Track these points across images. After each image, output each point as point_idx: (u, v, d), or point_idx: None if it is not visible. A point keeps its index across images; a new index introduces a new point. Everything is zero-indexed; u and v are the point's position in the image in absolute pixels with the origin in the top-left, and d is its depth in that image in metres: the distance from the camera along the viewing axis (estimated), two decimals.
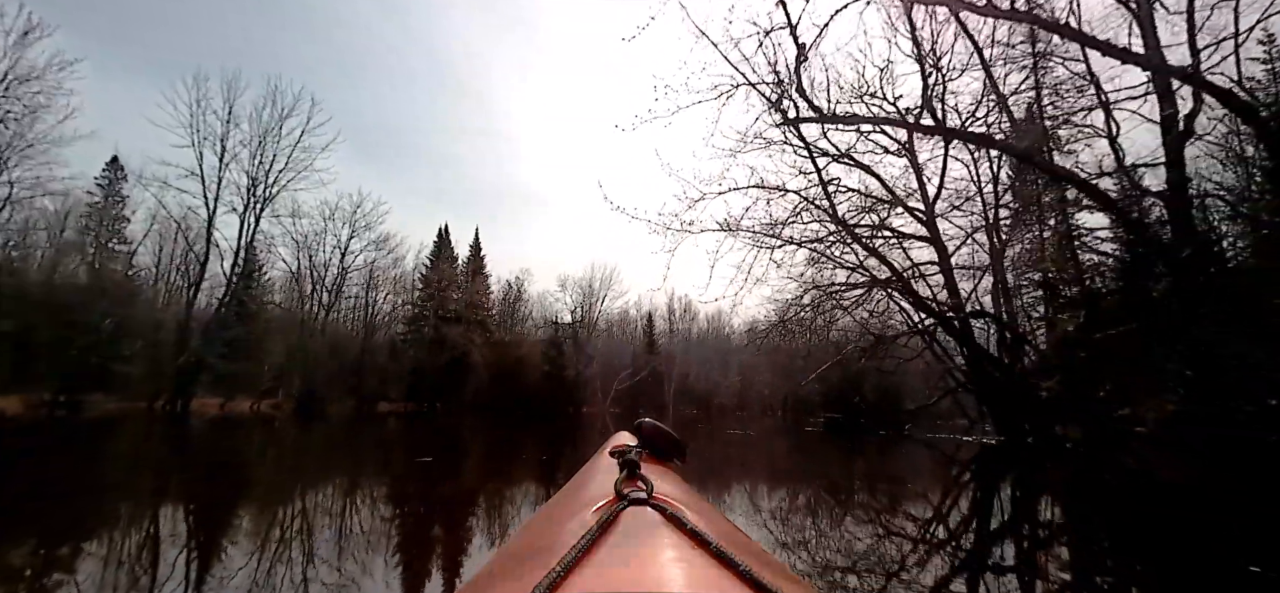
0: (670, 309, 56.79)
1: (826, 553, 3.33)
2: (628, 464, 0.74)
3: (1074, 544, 4.07)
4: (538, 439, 13.16)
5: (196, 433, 12.99)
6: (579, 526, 0.54)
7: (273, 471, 7.27)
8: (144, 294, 28.47)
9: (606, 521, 0.51)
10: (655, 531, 0.50)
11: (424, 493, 5.33)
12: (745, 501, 5.18)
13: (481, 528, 3.97)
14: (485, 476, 6.98)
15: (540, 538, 0.60)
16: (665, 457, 1.03)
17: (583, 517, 0.58)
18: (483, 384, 35.03)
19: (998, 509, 5.28)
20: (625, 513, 0.55)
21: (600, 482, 0.77)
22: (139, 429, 13.32)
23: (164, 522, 3.83)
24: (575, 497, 0.77)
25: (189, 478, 6.16)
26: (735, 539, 0.61)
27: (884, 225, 15.04)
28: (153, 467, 7.24)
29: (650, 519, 0.53)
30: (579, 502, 0.69)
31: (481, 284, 39.61)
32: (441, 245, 37.56)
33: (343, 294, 33.74)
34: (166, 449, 9.39)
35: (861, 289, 16.31)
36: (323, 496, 5.04)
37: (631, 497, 0.59)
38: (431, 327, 34.49)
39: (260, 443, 10.85)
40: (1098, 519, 4.76)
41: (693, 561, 0.43)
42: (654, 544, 0.47)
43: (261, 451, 9.57)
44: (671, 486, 0.76)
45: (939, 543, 3.77)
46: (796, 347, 40.10)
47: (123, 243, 30.81)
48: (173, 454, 8.70)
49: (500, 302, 43.75)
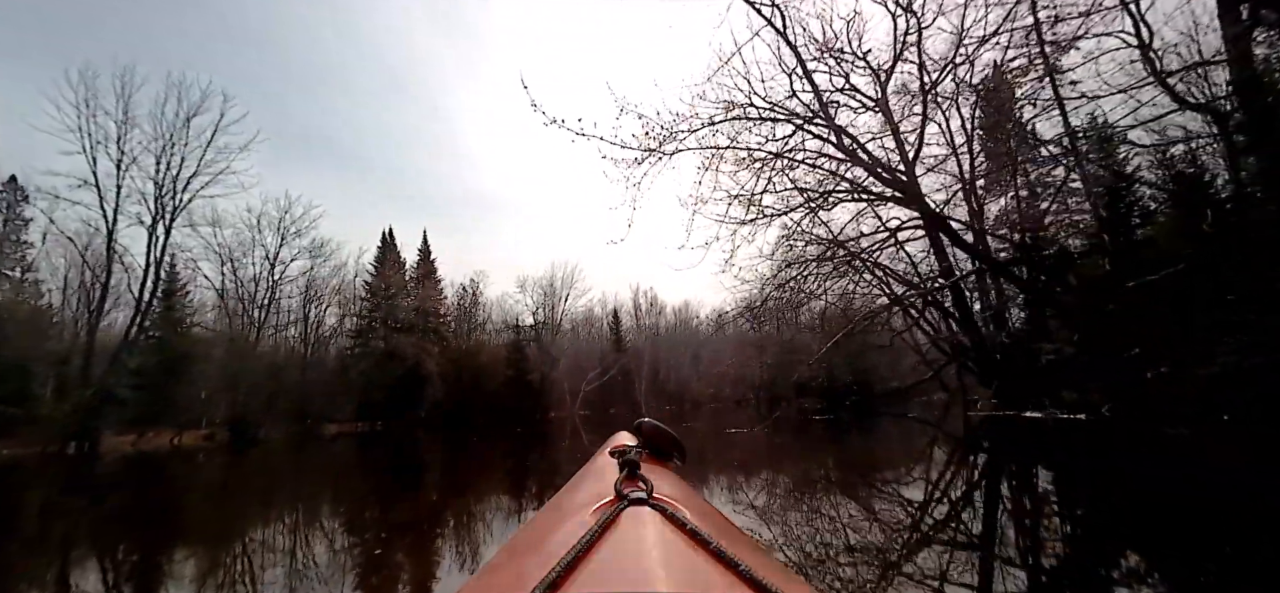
0: (635, 304, 55.39)
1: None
2: (628, 464, 0.73)
3: (1095, 534, 3.49)
4: (500, 452, 11.41)
5: (81, 478, 10.77)
6: (579, 525, 0.54)
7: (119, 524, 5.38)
8: (48, 324, 25.33)
9: (606, 520, 0.51)
10: (655, 530, 0.50)
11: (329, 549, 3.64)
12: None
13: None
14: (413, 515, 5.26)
15: (540, 537, 0.61)
16: (665, 457, 1.01)
17: (583, 517, 0.58)
18: (440, 396, 32.66)
19: (1008, 493, 4.80)
20: (625, 513, 0.54)
21: (600, 482, 0.76)
22: (20, 479, 11.02)
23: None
24: (575, 497, 0.78)
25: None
26: (735, 538, 0.62)
27: (861, 189, 13.77)
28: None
29: (650, 519, 0.53)
30: (579, 502, 0.69)
31: (433, 289, 36.95)
32: (386, 249, 34.75)
33: (280, 309, 30.88)
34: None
35: (838, 262, 15.10)
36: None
37: (631, 497, 0.58)
38: (381, 338, 31.89)
39: (139, 487, 8.78)
40: (1124, 507, 4.02)
41: (692, 560, 0.44)
42: (654, 544, 0.46)
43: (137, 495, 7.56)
44: (671, 485, 0.78)
45: (945, 535, 3.51)
46: (772, 333, 39.20)
47: (27, 269, 27.63)
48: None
49: (455, 308, 41.20)
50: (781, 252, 15.17)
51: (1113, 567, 2.83)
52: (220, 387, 24.41)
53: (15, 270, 27.40)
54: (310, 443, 20.09)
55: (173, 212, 23.22)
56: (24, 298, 24.05)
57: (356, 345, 32.31)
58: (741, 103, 13.46)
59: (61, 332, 26.07)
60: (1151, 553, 2.99)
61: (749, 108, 13.31)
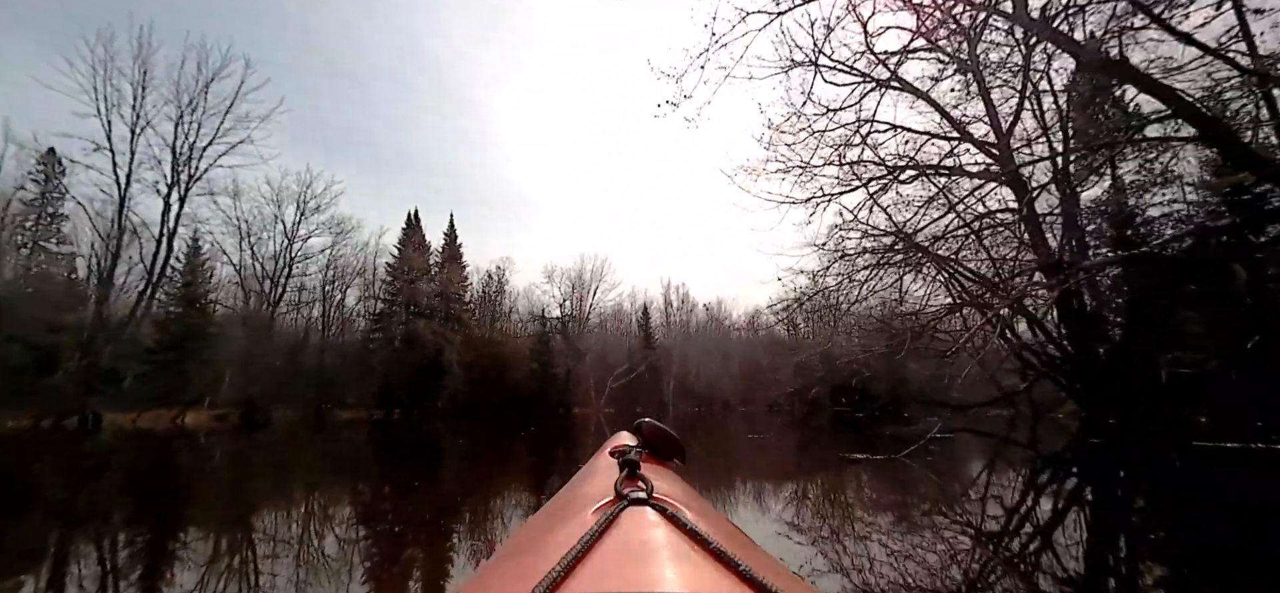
0: (666, 300, 53.51)
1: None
2: (627, 464, 0.72)
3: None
4: (514, 455, 9.74)
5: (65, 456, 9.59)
6: (579, 526, 0.53)
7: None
8: (75, 297, 24.91)
9: (606, 521, 0.51)
10: (655, 531, 0.49)
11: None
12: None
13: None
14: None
15: (540, 538, 0.60)
16: (665, 457, 1.00)
17: (583, 517, 0.57)
18: (460, 386, 31.37)
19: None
20: (625, 513, 0.54)
21: (600, 482, 0.75)
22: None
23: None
24: (575, 497, 0.76)
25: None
26: (735, 539, 0.61)
27: (948, 170, 11.62)
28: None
29: (650, 520, 0.52)
30: (579, 502, 0.68)
31: (458, 273, 35.71)
32: (411, 230, 33.57)
33: (302, 287, 30.01)
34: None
35: (904, 254, 12.92)
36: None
37: (631, 497, 0.58)
38: (402, 322, 30.74)
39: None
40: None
41: (693, 561, 0.43)
42: (654, 545, 0.46)
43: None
44: (671, 486, 0.76)
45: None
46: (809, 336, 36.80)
47: (62, 243, 27.41)
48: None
49: (480, 296, 39.92)
50: (833, 241, 13.15)
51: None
52: (232, 366, 23.52)
53: (51, 242, 27.26)
54: (320, 429, 18.97)
55: (188, 180, 22.35)
56: (58, 270, 23.53)
57: (377, 328, 31.28)
58: (804, 61, 11.51)
59: (84, 303, 25.69)
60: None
61: (815, 65, 11.32)
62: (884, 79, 11.58)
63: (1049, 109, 13.69)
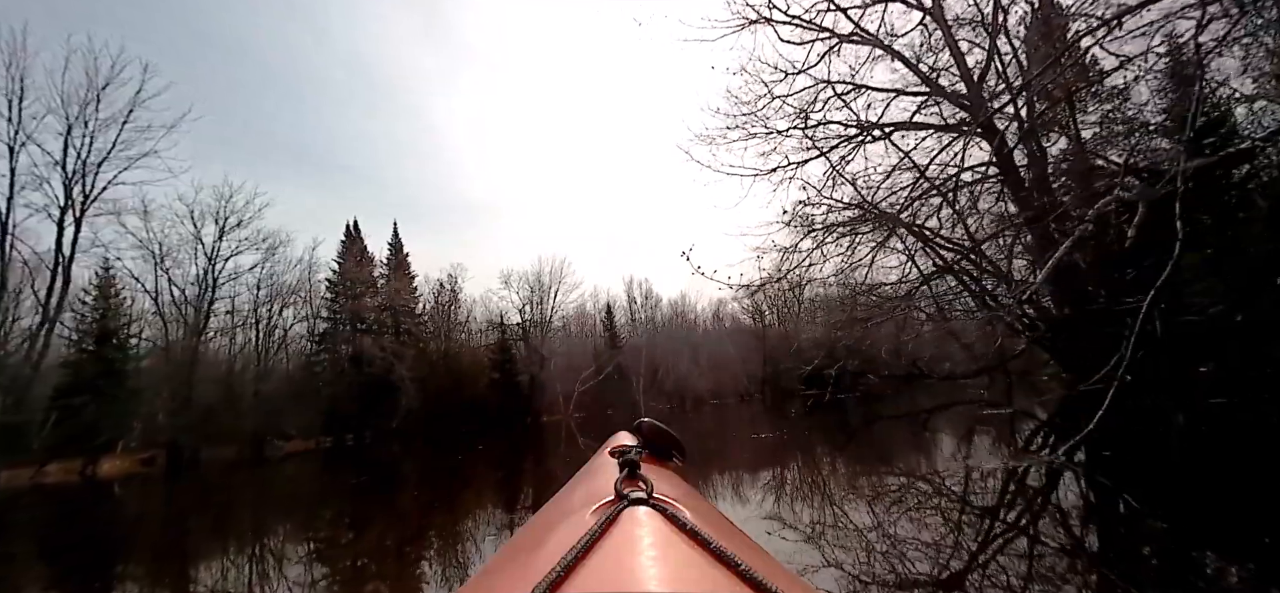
0: (630, 297, 52.34)
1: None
2: (628, 464, 0.71)
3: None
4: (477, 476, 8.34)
5: None
6: (579, 525, 0.53)
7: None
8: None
9: (606, 521, 0.51)
10: (655, 531, 0.49)
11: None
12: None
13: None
14: None
15: (540, 538, 0.60)
16: (665, 456, 0.99)
17: (583, 517, 0.57)
18: (416, 403, 29.38)
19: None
20: (625, 513, 0.53)
21: (600, 482, 0.74)
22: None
23: None
24: (575, 497, 0.75)
25: None
26: (735, 539, 0.60)
27: (918, 125, 10.80)
28: None
29: (650, 519, 0.52)
30: (579, 502, 0.67)
31: (406, 284, 33.59)
32: (350, 242, 31.25)
33: (232, 312, 27.45)
34: None
35: (868, 223, 12.05)
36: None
37: (631, 497, 0.57)
38: (346, 341, 28.57)
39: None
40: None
41: (692, 560, 0.43)
42: (654, 544, 0.46)
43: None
44: (671, 485, 0.75)
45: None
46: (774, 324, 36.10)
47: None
48: None
49: (432, 307, 37.77)
50: (800, 218, 12.20)
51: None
52: (154, 404, 21.14)
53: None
54: (259, 464, 17.12)
55: (84, 200, 19.90)
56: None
57: (320, 349, 28.96)
58: (757, 18, 10.52)
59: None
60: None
61: (769, 21, 10.34)
62: (846, 33, 10.69)
63: (1011, 67, 13.15)
